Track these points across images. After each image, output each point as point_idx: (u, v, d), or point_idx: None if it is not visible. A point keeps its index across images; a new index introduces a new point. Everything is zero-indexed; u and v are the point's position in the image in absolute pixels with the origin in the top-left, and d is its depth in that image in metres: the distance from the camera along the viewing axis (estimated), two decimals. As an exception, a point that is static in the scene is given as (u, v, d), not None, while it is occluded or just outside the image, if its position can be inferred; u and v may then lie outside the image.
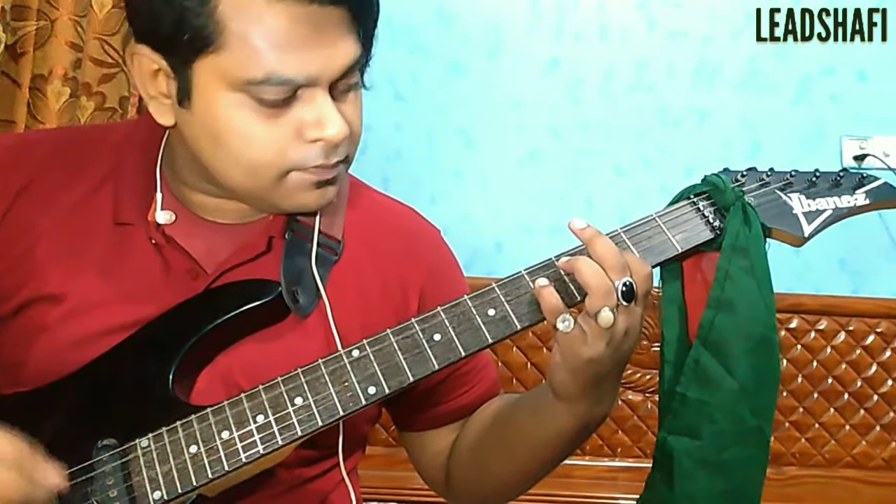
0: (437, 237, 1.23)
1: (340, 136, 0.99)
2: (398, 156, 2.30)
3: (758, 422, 1.02)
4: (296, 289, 1.06)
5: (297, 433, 0.95)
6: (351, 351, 0.98)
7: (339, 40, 0.98)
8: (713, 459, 1.02)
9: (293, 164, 1.01)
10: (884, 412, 2.19)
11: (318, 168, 1.02)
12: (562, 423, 1.04)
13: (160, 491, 0.93)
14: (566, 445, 1.08)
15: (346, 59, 0.99)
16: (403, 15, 2.27)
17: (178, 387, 1.00)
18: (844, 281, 2.25)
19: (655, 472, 1.07)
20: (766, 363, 1.02)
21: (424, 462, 1.25)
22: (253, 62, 0.95)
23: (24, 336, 1.05)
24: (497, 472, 1.15)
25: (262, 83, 0.96)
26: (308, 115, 0.99)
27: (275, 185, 1.02)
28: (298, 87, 0.97)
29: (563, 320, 0.94)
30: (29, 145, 1.14)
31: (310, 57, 0.96)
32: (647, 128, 2.27)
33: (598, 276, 0.93)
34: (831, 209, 1.05)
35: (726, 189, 1.03)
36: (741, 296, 1.01)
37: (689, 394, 1.02)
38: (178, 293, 1.05)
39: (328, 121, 0.99)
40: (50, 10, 1.73)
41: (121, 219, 1.08)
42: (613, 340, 0.94)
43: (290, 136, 0.99)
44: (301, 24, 0.95)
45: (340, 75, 0.99)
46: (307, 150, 1.00)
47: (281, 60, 0.95)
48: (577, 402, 1.01)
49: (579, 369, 0.96)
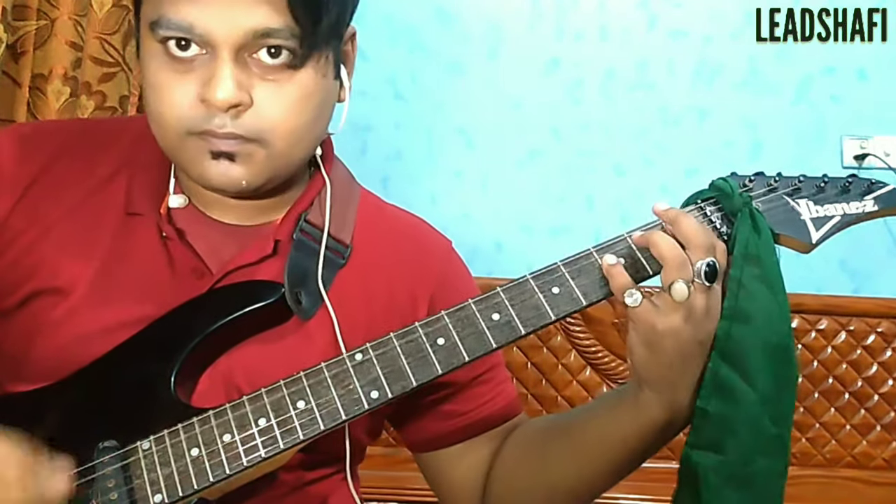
0: (447, 248, 1.22)
1: (223, 100, 0.95)
2: (398, 155, 2.30)
3: (778, 430, 1.00)
4: (299, 291, 1.05)
5: (300, 437, 0.94)
6: (354, 354, 0.97)
7: (251, 3, 0.94)
8: (739, 473, 1.00)
9: (189, 126, 0.99)
10: (884, 412, 2.18)
11: (208, 134, 0.98)
12: (648, 414, 1.00)
13: (161, 494, 0.93)
14: (646, 446, 1.03)
15: (253, 24, 0.95)
16: (403, 14, 2.27)
17: (180, 388, 1.00)
18: (845, 281, 2.25)
19: (682, 488, 1.04)
20: (785, 370, 1.01)
21: (454, 483, 1.19)
22: (147, 4, 0.97)
23: (28, 330, 1.05)
24: (561, 484, 1.09)
25: (157, 25, 0.96)
26: (205, 76, 0.96)
27: (179, 148, 1.01)
28: (194, 40, 0.96)
29: (629, 295, 0.93)
30: (42, 135, 1.14)
31: (209, 8, 0.94)
32: (647, 127, 2.27)
33: (673, 248, 0.93)
34: (840, 215, 1.04)
35: (734, 194, 1.02)
36: (756, 305, 0.99)
37: (709, 408, 0.99)
38: (182, 292, 1.04)
39: (216, 82, 0.95)
40: (50, 9, 1.73)
41: (132, 209, 1.08)
42: (693, 317, 0.93)
43: (190, 96, 0.97)
44: None
45: (247, 42, 0.95)
46: (198, 110, 0.97)
47: (178, 4, 0.94)
48: (664, 386, 0.98)
49: (657, 343, 0.95)
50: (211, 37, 0.95)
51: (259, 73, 0.98)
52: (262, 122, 0.99)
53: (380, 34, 2.26)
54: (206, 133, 0.98)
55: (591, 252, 0.99)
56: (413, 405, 1.16)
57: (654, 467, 1.09)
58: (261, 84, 0.98)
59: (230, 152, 1.00)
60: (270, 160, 1.02)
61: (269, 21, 0.95)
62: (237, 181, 1.02)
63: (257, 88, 0.98)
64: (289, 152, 1.03)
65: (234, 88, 0.96)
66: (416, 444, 1.22)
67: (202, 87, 0.97)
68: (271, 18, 0.95)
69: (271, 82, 0.98)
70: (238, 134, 0.98)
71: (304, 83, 1.00)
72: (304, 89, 1.00)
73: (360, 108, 2.25)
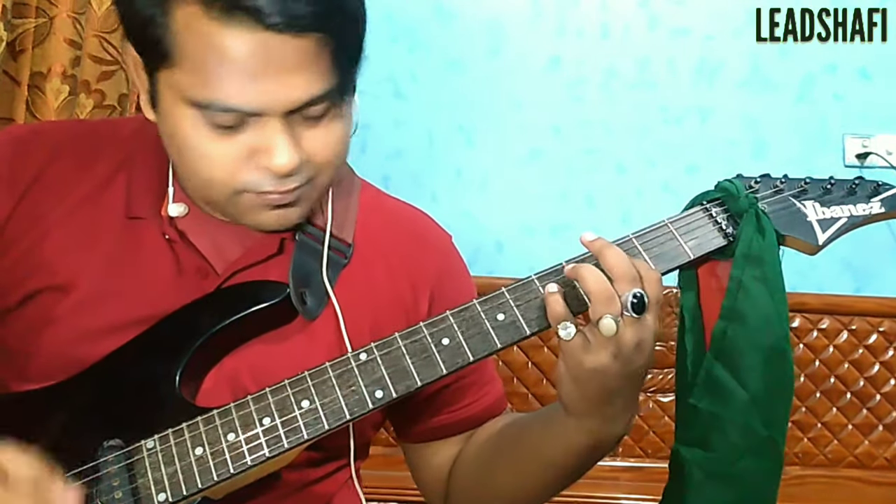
0: (447, 242, 1.22)
1: (287, 167, 0.96)
2: (398, 154, 2.29)
3: (770, 433, 1.01)
4: (304, 291, 1.05)
5: (304, 436, 0.94)
6: (358, 354, 0.97)
7: (298, 73, 0.93)
8: (724, 471, 1.02)
9: (244, 186, 0.98)
10: (886, 412, 2.19)
11: (271, 193, 0.99)
12: (572, 439, 1.02)
13: (165, 493, 0.93)
14: (575, 465, 1.07)
15: (305, 93, 0.94)
16: (403, 13, 2.26)
17: (185, 388, 1.00)
18: (847, 280, 2.25)
19: (671, 482, 1.07)
20: (779, 374, 1.02)
21: (425, 475, 1.23)
22: (200, 85, 0.93)
23: (31, 327, 1.05)
24: (502, 491, 1.13)
25: (207, 108, 0.93)
26: (258, 142, 0.96)
27: (230, 202, 1.01)
28: (247, 114, 0.94)
29: (563, 327, 0.93)
30: (41, 136, 1.13)
31: (259, 88, 0.92)
32: (648, 126, 2.27)
33: (599, 283, 0.91)
34: (846, 217, 1.05)
35: (739, 196, 1.02)
36: (753, 306, 1.00)
37: (700, 405, 1.02)
38: (188, 292, 1.04)
39: (276, 152, 0.95)
40: (49, 7, 1.73)
41: (133, 213, 1.07)
42: (622, 353, 0.92)
43: (242, 158, 0.97)
44: (251, 53, 0.90)
45: (298, 107, 0.95)
46: (257, 174, 0.97)
47: (227, 89, 0.92)
48: (586, 418, 0.99)
49: (583, 379, 0.95)
50: (262, 111, 0.94)
51: (306, 124, 0.98)
52: (316, 167, 1.01)
53: (380, 32, 2.24)
54: (267, 193, 0.99)
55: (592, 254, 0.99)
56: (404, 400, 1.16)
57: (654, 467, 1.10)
58: (308, 132, 0.98)
59: (292, 201, 1.02)
60: (318, 191, 1.05)
61: (316, 88, 0.95)
62: (294, 221, 1.05)
63: (306, 138, 0.98)
64: (328, 180, 1.05)
65: (293, 153, 0.96)
66: (403, 434, 1.23)
67: (256, 154, 0.96)
68: (318, 84, 0.95)
69: (320, 129, 0.99)
70: (297, 186, 1.00)
71: (344, 117, 1.02)
72: (344, 123, 1.02)
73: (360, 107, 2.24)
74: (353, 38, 0.97)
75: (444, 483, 1.20)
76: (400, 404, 1.09)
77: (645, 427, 2.20)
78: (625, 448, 2.19)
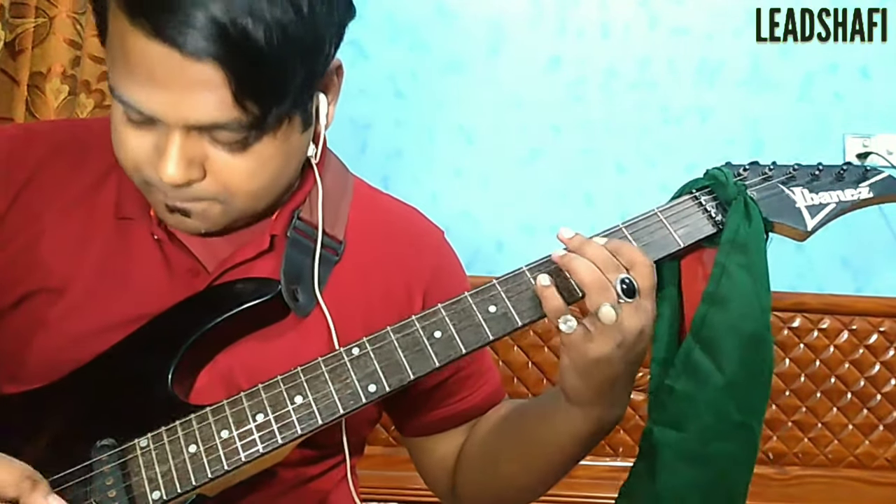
0: (440, 238, 1.22)
1: (170, 179, 0.93)
2: (398, 153, 2.29)
3: (744, 418, 1.02)
4: (295, 288, 1.05)
5: (297, 432, 0.94)
6: (351, 349, 0.97)
7: (193, 93, 0.89)
8: (696, 452, 1.02)
9: (144, 178, 0.98)
10: (887, 412, 2.18)
11: (161, 191, 0.98)
12: (575, 427, 1.03)
13: (159, 491, 0.92)
14: (578, 450, 1.07)
15: (201, 116, 0.91)
16: (404, 12, 2.26)
17: (178, 386, 1.00)
18: (847, 280, 2.23)
19: (639, 462, 1.07)
20: (757, 360, 1.02)
21: (429, 468, 1.24)
22: (115, 75, 0.93)
23: (23, 330, 1.05)
24: (507, 479, 1.13)
25: (112, 92, 0.94)
26: (159, 144, 0.94)
27: (140, 188, 1.01)
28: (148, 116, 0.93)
29: (565, 321, 0.93)
30: (35, 135, 1.13)
31: (154, 96, 0.90)
32: (648, 125, 2.26)
33: (591, 272, 0.92)
34: (835, 203, 1.05)
35: (728, 183, 1.03)
36: (735, 292, 1.00)
37: (677, 386, 1.02)
38: (179, 291, 1.04)
39: (165, 162, 0.93)
40: (48, 7, 1.73)
41: (123, 213, 1.07)
42: (626, 341, 0.93)
43: (147, 152, 0.96)
44: (150, 59, 0.89)
45: (199, 127, 0.92)
46: (154, 174, 0.96)
47: (127, 86, 0.92)
48: (591, 406, 1.00)
49: (588, 371, 0.95)
50: (160, 118, 0.92)
51: (218, 147, 0.95)
52: (217, 188, 0.97)
53: (380, 31, 2.26)
54: (159, 189, 0.98)
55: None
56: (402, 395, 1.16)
57: (654, 467, 1.10)
58: (219, 155, 0.95)
59: (184, 209, 0.99)
60: (228, 214, 1.01)
61: (214, 116, 0.91)
62: (195, 230, 1.03)
63: (215, 160, 0.95)
64: (250, 207, 1.02)
65: (183, 169, 0.93)
66: (405, 430, 1.24)
67: (155, 153, 0.95)
68: (217, 112, 0.91)
69: (234, 156, 0.96)
70: (191, 199, 0.98)
71: (261, 152, 0.97)
72: (260, 158, 0.97)
73: (360, 106, 2.25)
74: (259, 76, 0.90)
75: (450, 475, 1.21)
76: (399, 399, 1.09)
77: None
78: (625, 448, 2.19)
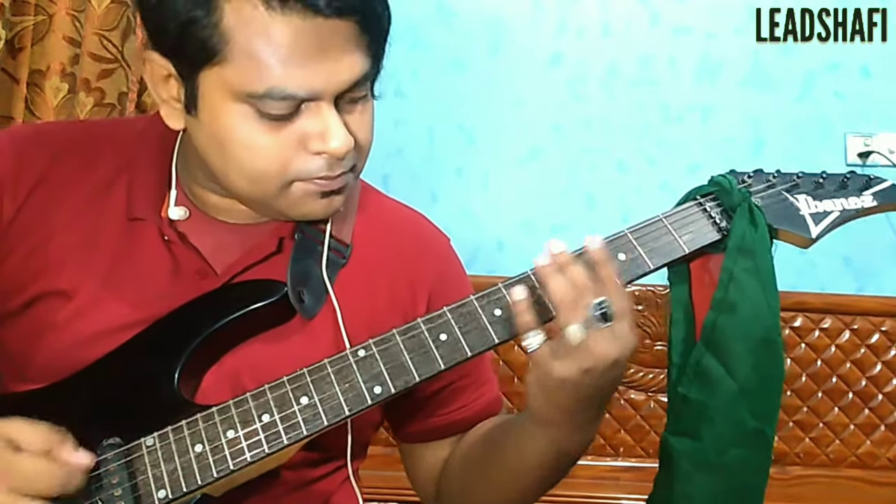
0: (446, 244, 1.22)
1: (343, 149, 0.98)
2: (399, 153, 2.29)
3: (758, 424, 1.02)
4: (301, 290, 1.05)
5: (303, 433, 0.94)
6: (357, 350, 0.97)
7: (345, 54, 0.96)
8: (712, 461, 1.02)
9: (296, 175, 1.00)
10: (889, 412, 2.18)
11: (322, 179, 1.01)
12: (539, 447, 1.03)
13: (165, 490, 0.93)
14: (544, 474, 1.07)
15: (352, 74, 0.97)
16: (404, 11, 2.24)
17: (184, 386, 1.00)
18: (849, 279, 2.24)
19: (661, 471, 1.07)
20: (768, 365, 1.02)
21: (418, 475, 1.24)
22: (255, 76, 0.94)
23: (32, 331, 1.05)
24: (479, 496, 1.14)
25: (265, 97, 0.95)
26: (312, 127, 0.97)
27: (279, 195, 1.01)
28: (302, 100, 0.96)
29: (527, 337, 0.94)
30: (45, 137, 1.13)
31: (313, 72, 0.95)
32: (649, 124, 2.26)
33: (565, 290, 0.92)
34: (839, 211, 1.06)
35: (733, 190, 1.03)
36: (744, 297, 1.01)
37: (690, 395, 1.03)
38: (187, 293, 1.04)
39: (332, 134, 0.97)
40: (48, 4, 1.73)
41: (134, 214, 1.07)
42: (595, 367, 0.92)
43: (294, 147, 0.98)
44: (305, 38, 0.93)
45: (346, 89, 0.98)
46: (310, 161, 0.99)
47: (284, 75, 0.94)
48: (556, 427, 1.00)
49: (552, 390, 0.95)
50: (318, 92, 0.96)
51: (347, 108, 1.00)
52: (362, 152, 1.04)
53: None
54: (321, 179, 1.01)
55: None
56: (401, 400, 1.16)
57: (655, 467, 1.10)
58: (349, 117, 1.00)
59: (339, 187, 1.03)
60: (355, 180, 1.09)
61: (361, 67, 0.98)
62: (338, 208, 1.07)
63: (349, 122, 1.00)
64: (360, 171, 1.08)
65: (346, 135, 0.98)
66: (398, 433, 1.24)
67: (308, 140, 0.98)
68: (360, 64, 0.98)
69: (358, 114, 1.02)
70: (343, 172, 1.02)
71: (370, 107, 1.04)
72: (371, 112, 1.04)
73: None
74: (385, 22, 1.02)
75: (434, 484, 1.21)
76: (397, 403, 1.08)
77: (646, 427, 2.20)
78: (625, 448, 2.19)
